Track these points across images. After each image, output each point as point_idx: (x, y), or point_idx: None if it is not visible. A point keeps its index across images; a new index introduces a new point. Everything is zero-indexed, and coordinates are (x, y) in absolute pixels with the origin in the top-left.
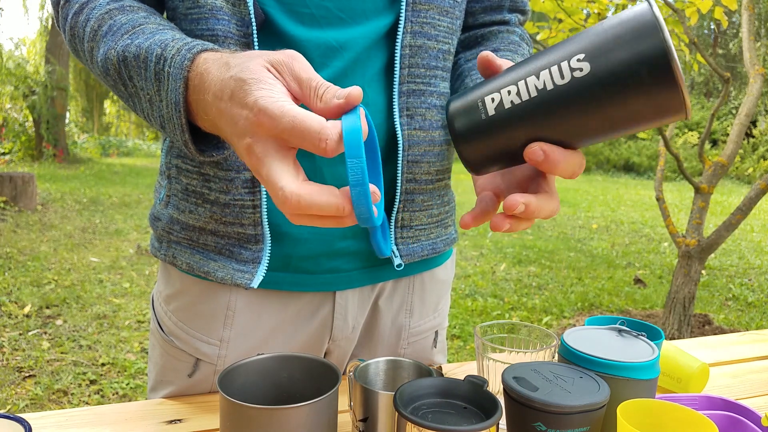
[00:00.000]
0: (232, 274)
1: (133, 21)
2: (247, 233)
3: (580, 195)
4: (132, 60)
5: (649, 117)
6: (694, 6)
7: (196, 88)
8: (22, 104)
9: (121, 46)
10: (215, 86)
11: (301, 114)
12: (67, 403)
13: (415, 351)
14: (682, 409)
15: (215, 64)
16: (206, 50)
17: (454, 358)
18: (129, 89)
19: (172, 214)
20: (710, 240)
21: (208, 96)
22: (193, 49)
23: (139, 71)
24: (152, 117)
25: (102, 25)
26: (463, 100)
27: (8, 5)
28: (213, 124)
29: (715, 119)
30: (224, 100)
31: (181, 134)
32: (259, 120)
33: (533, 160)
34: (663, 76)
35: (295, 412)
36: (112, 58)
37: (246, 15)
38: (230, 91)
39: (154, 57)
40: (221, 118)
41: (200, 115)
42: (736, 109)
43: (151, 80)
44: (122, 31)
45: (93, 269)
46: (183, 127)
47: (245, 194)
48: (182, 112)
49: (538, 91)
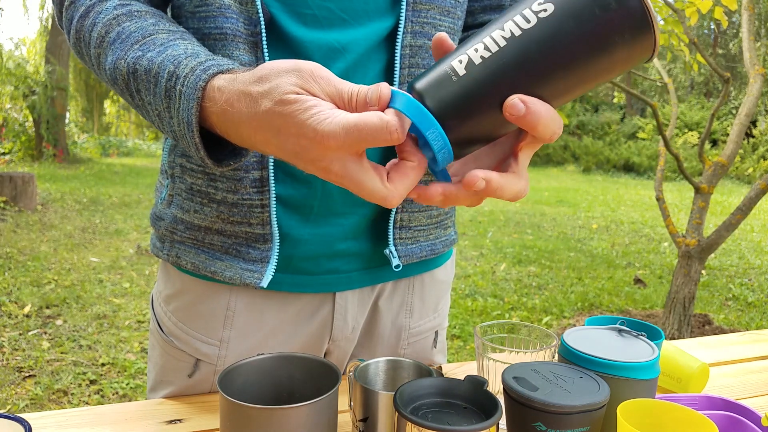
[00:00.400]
0: (241, 274)
1: (142, 30)
2: (256, 233)
3: (580, 195)
4: (142, 74)
5: (620, 47)
6: (694, 6)
7: (217, 114)
8: (22, 104)
9: (132, 57)
10: (250, 121)
11: (361, 119)
12: (67, 403)
13: (415, 351)
14: (682, 409)
15: (234, 94)
16: (222, 72)
17: (454, 358)
18: (136, 101)
19: (175, 213)
20: (710, 240)
21: (233, 124)
22: (209, 71)
23: (148, 86)
24: (162, 129)
25: (110, 31)
26: (429, 75)
27: (8, 5)
28: (245, 142)
29: (715, 119)
30: (271, 133)
31: (196, 152)
32: (326, 145)
33: (514, 115)
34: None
35: (295, 412)
36: (121, 68)
37: (254, 14)
38: (277, 128)
39: (166, 74)
40: (268, 149)
41: (222, 131)
42: (736, 109)
43: (161, 96)
44: (132, 41)
45: (93, 269)
46: (197, 146)
47: (254, 194)
48: (195, 132)
49: (506, 40)
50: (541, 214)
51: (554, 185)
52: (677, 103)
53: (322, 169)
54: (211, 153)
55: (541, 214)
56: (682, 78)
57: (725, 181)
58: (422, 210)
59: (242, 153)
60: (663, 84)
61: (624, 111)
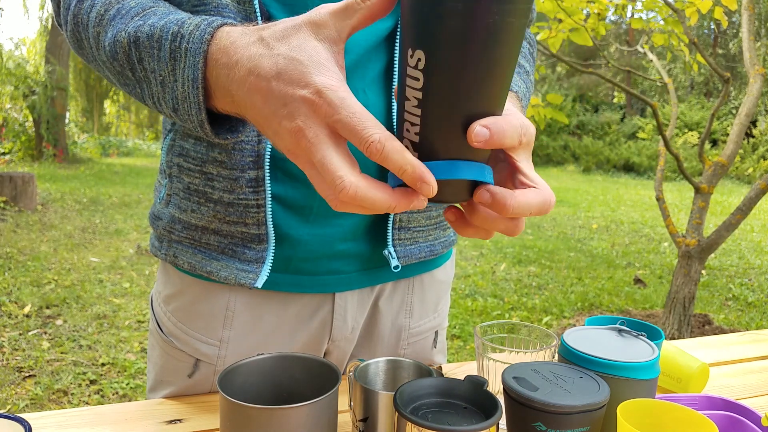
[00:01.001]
0: (236, 274)
1: (142, 4)
2: (251, 233)
3: (580, 195)
4: (145, 40)
5: (500, 27)
6: (694, 6)
7: (218, 63)
8: (22, 104)
9: (133, 27)
10: (249, 62)
11: (361, 109)
12: (67, 403)
13: (415, 351)
14: (682, 409)
15: (242, 38)
16: (226, 24)
17: (454, 358)
18: (137, 74)
19: (173, 213)
20: (710, 240)
21: (237, 71)
22: (213, 23)
23: (151, 51)
24: (163, 100)
25: (109, 9)
26: None
27: (8, 5)
28: (234, 99)
29: (715, 119)
30: (267, 79)
31: (198, 113)
32: (317, 103)
33: (481, 141)
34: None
35: (295, 412)
36: (122, 40)
37: (251, 13)
38: (277, 70)
39: (170, 35)
40: (257, 96)
41: (221, 92)
42: (736, 109)
43: (165, 60)
44: (132, 14)
45: (93, 269)
46: (200, 105)
47: (249, 193)
48: (200, 89)
49: (421, 105)
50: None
51: (554, 185)
52: (677, 103)
53: (295, 130)
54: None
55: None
56: (682, 78)
57: (725, 181)
58: (421, 211)
59: (239, 129)
60: (663, 84)
61: (624, 111)
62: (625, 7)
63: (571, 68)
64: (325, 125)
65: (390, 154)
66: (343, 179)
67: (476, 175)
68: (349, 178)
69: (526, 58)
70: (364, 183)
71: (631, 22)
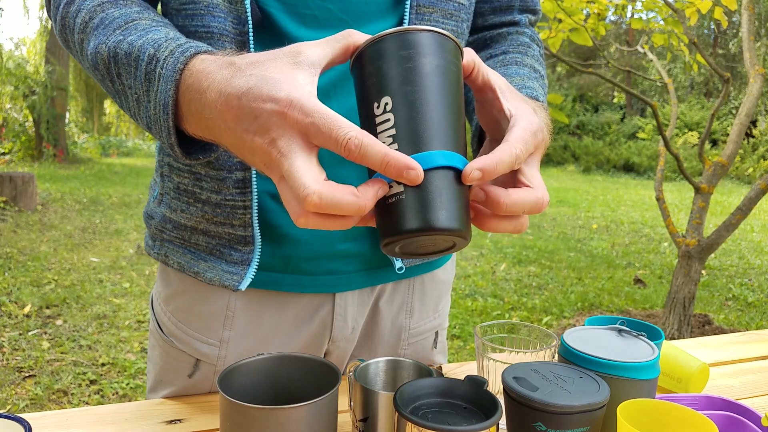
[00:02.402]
0: (221, 276)
1: (125, 15)
2: (237, 234)
3: (580, 195)
4: (123, 57)
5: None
6: (694, 6)
7: (190, 87)
8: (22, 104)
9: (113, 41)
10: (220, 84)
11: (333, 113)
12: (67, 403)
13: (415, 351)
14: (682, 409)
15: (214, 64)
16: (201, 52)
17: (454, 358)
18: (116, 86)
19: (164, 212)
20: (710, 240)
21: (209, 94)
22: (187, 52)
23: (129, 69)
24: (139, 116)
25: (93, 17)
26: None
27: (8, 5)
28: (207, 125)
29: (715, 119)
30: (238, 96)
31: (167, 137)
32: (286, 113)
33: (474, 179)
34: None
35: (295, 412)
36: (102, 53)
37: (242, 13)
38: (248, 87)
39: (146, 57)
40: (228, 116)
41: (192, 115)
42: (736, 109)
43: (141, 80)
44: (114, 26)
45: (93, 269)
46: (170, 129)
47: (236, 194)
48: (170, 115)
49: (396, 141)
50: (541, 214)
51: (554, 185)
52: (677, 103)
53: (269, 143)
54: (182, 146)
55: (541, 214)
56: (682, 78)
57: (725, 181)
58: None
59: (211, 148)
60: (663, 84)
61: (624, 111)
62: (625, 8)
63: (571, 68)
64: (297, 133)
65: (369, 148)
66: (306, 187)
67: (452, 161)
68: (313, 186)
69: (539, 62)
70: (329, 188)
71: (631, 22)
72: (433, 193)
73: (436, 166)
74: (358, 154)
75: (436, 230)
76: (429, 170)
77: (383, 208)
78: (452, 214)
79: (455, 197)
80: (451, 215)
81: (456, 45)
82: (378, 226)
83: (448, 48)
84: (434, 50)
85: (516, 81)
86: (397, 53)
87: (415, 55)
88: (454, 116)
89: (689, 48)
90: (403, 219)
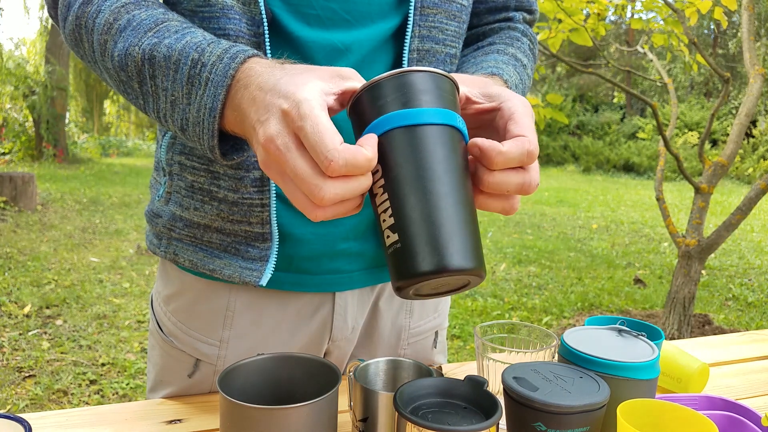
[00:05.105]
0: (240, 272)
1: (153, 17)
2: (255, 231)
3: (580, 195)
4: (161, 60)
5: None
6: (694, 6)
7: (238, 83)
8: (22, 104)
9: (147, 44)
10: (262, 79)
11: (326, 127)
12: (67, 403)
13: (415, 351)
14: (682, 409)
15: (265, 66)
16: (251, 56)
17: (454, 358)
18: (145, 88)
19: (174, 210)
20: (710, 240)
21: (251, 90)
22: (237, 57)
23: (167, 72)
24: (170, 118)
25: (118, 18)
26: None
27: (8, 5)
28: (239, 119)
29: (715, 119)
30: (266, 90)
31: (210, 138)
32: (289, 112)
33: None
34: None
35: (295, 412)
36: (135, 55)
37: (257, 14)
38: (276, 84)
39: (190, 61)
40: (252, 107)
41: (230, 112)
42: (736, 109)
43: (181, 83)
44: (144, 28)
45: (93, 269)
46: (213, 132)
47: (254, 192)
48: (216, 119)
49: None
50: (541, 214)
51: (554, 185)
52: (677, 103)
53: (267, 137)
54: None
55: (541, 214)
56: (682, 78)
57: (725, 181)
58: None
59: (243, 148)
60: (663, 84)
61: (624, 111)
62: (625, 8)
63: (571, 68)
64: (292, 134)
65: (352, 162)
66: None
67: (446, 119)
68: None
69: (525, 53)
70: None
71: (630, 22)
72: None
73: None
74: (341, 173)
75: (449, 271)
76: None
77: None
78: (462, 251)
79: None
80: (462, 253)
81: (453, 83)
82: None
83: (446, 89)
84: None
85: (486, 65)
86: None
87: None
88: (443, 167)
89: (689, 48)
90: (410, 261)
